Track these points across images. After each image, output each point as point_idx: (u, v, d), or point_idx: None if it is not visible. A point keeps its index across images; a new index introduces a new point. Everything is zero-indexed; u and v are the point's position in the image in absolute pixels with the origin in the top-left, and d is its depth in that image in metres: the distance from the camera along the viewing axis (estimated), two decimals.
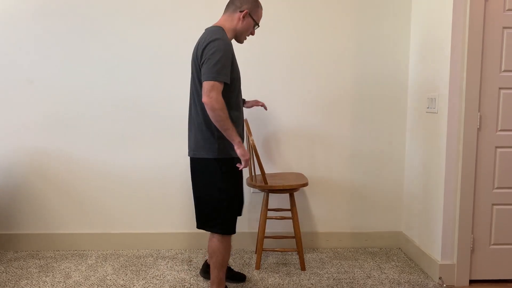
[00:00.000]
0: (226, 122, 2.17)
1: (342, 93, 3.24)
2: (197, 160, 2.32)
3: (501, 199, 2.71)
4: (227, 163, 2.28)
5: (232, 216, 2.34)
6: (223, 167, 2.27)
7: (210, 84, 2.11)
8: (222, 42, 2.16)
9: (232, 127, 2.20)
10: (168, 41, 3.15)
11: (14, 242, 3.25)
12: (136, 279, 2.79)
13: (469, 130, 2.64)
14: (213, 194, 2.30)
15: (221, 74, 2.14)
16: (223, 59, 2.14)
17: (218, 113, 2.13)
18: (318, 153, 3.28)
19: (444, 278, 2.73)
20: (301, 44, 3.19)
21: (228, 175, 2.29)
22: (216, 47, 2.14)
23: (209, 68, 2.13)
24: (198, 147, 2.29)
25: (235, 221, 2.36)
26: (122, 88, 3.18)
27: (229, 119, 2.18)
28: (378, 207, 3.34)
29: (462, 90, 2.63)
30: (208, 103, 2.12)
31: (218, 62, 2.13)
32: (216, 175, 2.27)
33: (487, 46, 2.61)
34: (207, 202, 2.33)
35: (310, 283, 2.73)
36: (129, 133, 3.22)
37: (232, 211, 2.34)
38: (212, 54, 2.13)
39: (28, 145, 3.19)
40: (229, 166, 2.29)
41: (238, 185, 2.38)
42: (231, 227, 2.34)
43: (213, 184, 2.29)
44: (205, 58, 2.15)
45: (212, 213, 2.32)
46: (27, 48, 3.13)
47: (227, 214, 2.31)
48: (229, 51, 2.19)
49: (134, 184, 3.26)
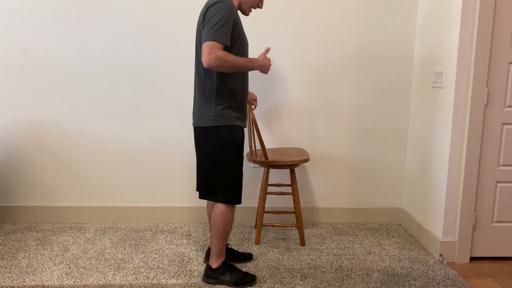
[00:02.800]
0: (240, 63, 2.17)
1: (345, 67, 3.15)
2: (199, 129, 2.31)
3: (506, 177, 2.67)
4: (228, 131, 2.25)
5: (236, 185, 2.33)
6: (223, 136, 2.25)
7: (208, 45, 2.08)
8: (223, 4, 2.12)
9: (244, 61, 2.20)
10: (168, 10, 3.04)
11: (11, 214, 3.22)
12: (135, 253, 2.77)
13: (476, 106, 2.57)
14: (215, 163, 2.29)
15: (220, 35, 2.10)
16: (223, 20, 2.10)
17: (226, 65, 2.12)
18: (320, 128, 3.22)
19: (445, 255, 2.72)
20: (303, 13, 3.08)
21: (229, 144, 2.27)
22: (217, 9, 2.11)
23: (208, 29, 2.10)
24: (199, 115, 2.29)
25: (240, 190, 2.35)
26: (120, 58, 3.09)
27: (237, 60, 2.15)
28: (379, 183, 3.31)
29: (470, 65, 2.55)
30: (208, 64, 2.09)
31: (217, 23, 2.09)
32: (216, 144, 2.26)
33: (497, 19, 2.52)
34: (209, 171, 2.32)
35: (309, 259, 2.72)
36: (128, 105, 3.14)
37: (235, 180, 2.32)
38: (213, 16, 2.10)
39: (25, 117, 3.12)
40: (230, 134, 2.26)
41: (240, 154, 2.34)
42: (235, 196, 2.33)
43: (214, 152, 2.28)
44: (205, 21, 2.13)
45: (215, 182, 2.31)
46: (21, 17, 3.02)
47: (231, 183, 2.31)
48: (231, 13, 2.15)
49: (133, 157, 3.21)
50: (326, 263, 2.67)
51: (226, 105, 2.25)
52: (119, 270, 2.55)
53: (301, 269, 2.59)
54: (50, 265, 2.60)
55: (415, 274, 2.55)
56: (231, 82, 2.25)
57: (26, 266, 2.59)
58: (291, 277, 2.49)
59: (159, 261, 2.67)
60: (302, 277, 2.50)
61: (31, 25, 3.03)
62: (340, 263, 2.68)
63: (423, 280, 2.48)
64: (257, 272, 2.53)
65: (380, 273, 2.56)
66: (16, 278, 2.44)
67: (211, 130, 2.25)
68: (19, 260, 2.65)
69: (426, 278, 2.51)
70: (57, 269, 2.55)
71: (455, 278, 2.51)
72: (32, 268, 2.56)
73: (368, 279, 2.49)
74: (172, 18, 3.05)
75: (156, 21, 3.06)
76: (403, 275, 2.54)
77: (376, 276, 2.53)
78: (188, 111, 3.06)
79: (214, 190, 2.32)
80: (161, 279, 2.46)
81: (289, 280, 2.46)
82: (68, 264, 2.62)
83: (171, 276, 2.50)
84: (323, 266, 2.63)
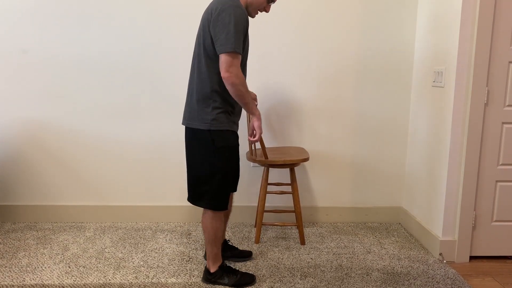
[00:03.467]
0: (246, 96, 2.14)
1: (345, 66, 3.15)
2: (191, 130, 2.24)
3: (505, 176, 2.67)
4: (223, 136, 2.19)
5: (223, 192, 2.27)
6: (217, 141, 2.18)
7: (230, 58, 2.03)
8: (238, 10, 2.07)
9: (252, 101, 2.17)
10: (168, 10, 3.04)
11: (12, 213, 3.22)
12: (135, 252, 2.77)
13: (476, 105, 2.57)
14: (204, 168, 2.23)
15: (238, 45, 2.06)
16: (239, 28, 2.05)
17: (239, 88, 2.09)
18: (320, 127, 3.22)
19: (445, 254, 2.72)
20: (303, 13, 3.08)
21: (222, 149, 2.21)
22: (233, 15, 2.04)
23: (227, 38, 2.03)
24: (192, 116, 2.21)
25: (226, 197, 2.29)
26: (120, 58, 3.08)
27: (248, 93, 2.14)
28: (379, 182, 3.31)
29: (470, 64, 2.55)
30: (228, 79, 2.05)
31: (237, 33, 2.03)
32: (208, 148, 2.19)
33: (497, 18, 2.51)
34: (197, 175, 2.27)
35: (309, 258, 2.72)
36: (128, 105, 3.14)
37: (223, 187, 2.26)
38: (229, 24, 2.02)
39: (25, 116, 3.12)
40: (224, 140, 2.20)
41: (232, 160, 2.29)
42: (220, 203, 2.27)
43: (205, 157, 2.21)
44: (220, 26, 2.04)
45: (201, 187, 2.26)
46: (21, 17, 3.01)
47: (217, 189, 2.25)
48: (245, 20, 2.11)
49: (133, 156, 3.21)
50: (326, 262, 2.67)
51: (224, 109, 2.19)
52: (119, 269, 2.55)
53: (301, 268, 2.59)
54: (50, 264, 2.60)
55: (415, 273, 2.55)
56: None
57: (26, 265, 2.59)
58: (291, 276, 2.49)
59: (159, 260, 2.67)
60: (302, 276, 2.50)
61: (31, 25, 3.03)
62: (340, 262, 2.68)
63: (422, 279, 2.48)
64: (257, 271, 2.54)
65: (380, 272, 2.56)
66: (16, 277, 2.45)
67: (205, 133, 2.18)
68: (19, 259, 2.65)
69: (426, 277, 2.51)
70: (57, 268, 2.55)
71: (454, 277, 2.51)
72: (32, 267, 2.56)
73: (368, 278, 2.49)
74: (172, 19, 3.05)
75: (156, 21, 3.05)
76: (403, 274, 2.54)
77: (376, 275, 2.53)
78: None
79: (200, 195, 2.27)
80: (161, 278, 2.46)
81: (288, 279, 2.46)
82: (68, 263, 2.62)
83: (171, 275, 2.50)
84: (323, 265, 2.64)
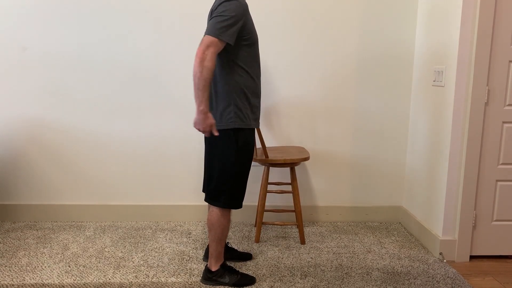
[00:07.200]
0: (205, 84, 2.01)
1: (345, 65, 3.14)
2: None
3: (506, 175, 2.67)
4: (245, 134, 2.21)
5: (241, 191, 2.30)
6: (240, 139, 2.19)
7: (210, 40, 2.01)
8: (235, 2, 2.07)
9: (206, 91, 2.03)
10: (169, 9, 3.03)
11: (11, 212, 3.22)
12: (135, 251, 2.77)
13: (476, 105, 2.57)
14: (225, 167, 2.23)
15: (226, 33, 2.04)
16: (232, 19, 2.04)
17: (204, 71, 1.99)
18: (320, 126, 3.22)
19: (445, 254, 2.72)
20: (303, 12, 3.07)
21: (244, 148, 2.22)
22: (229, 7, 2.05)
23: (215, 24, 2.03)
24: (214, 115, 2.19)
25: (243, 196, 2.32)
26: (120, 56, 3.08)
27: (208, 83, 2.02)
28: (379, 181, 3.31)
29: (471, 63, 2.55)
30: (200, 57, 1.99)
31: (226, 21, 2.03)
32: (231, 147, 2.20)
33: (498, 17, 2.51)
34: (219, 176, 2.26)
35: (309, 257, 2.72)
36: (128, 103, 3.14)
37: (242, 186, 2.29)
38: (222, 12, 2.04)
39: (25, 114, 3.12)
40: (247, 137, 2.22)
41: (251, 157, 2.31)
42: (237, 201, 2.30)
43: (227, 157, 2.21)
44: (213, 16, 2.07)
45: (221, 187, 2.26)
46: (21, 14, 3.01)
47: (236, 188, 2.27)
48: (242, 14, 2.09)
49: (133, 155, 3.20)
50: (326, 262, 2.67)
51: (245, 105, 2.19)
52: (119, 269, 2.55)
53: (301, 267, 2.59)
54: (50, 264, 2.60)
55: (415, 273, 2.55)
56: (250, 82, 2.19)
57: (26, 264, 2.58)
58: (291, 276, 2.49)
59: (159, 260, 2.67)
60: (302, 275, 2.50)
61: (31, 22, 3.02)
62: (340, 261, 2.68)
63: (423, 279, 2.48)
64: (257, 271, 2.53)
65: (380, 272, 2.56)
66: (16, 277, 2.44)
67: (229, 133, 2.18)
68: (19, 259, 2.65)
69: (426, 277, 2.51)
70: (57, 268, 2.55)
71: (455, 277, 2.51)
72: (32, 267, 2.56)
73: (368, 278, 2.48)
74: (174, 17, 3.04)
75: (157, 20, 3.05)
76: (403, 274, 2.54)
77: (376, 274, 2.52)
78: (188, 108, 3.07)
79: (219, 195, 2.27)
80: (161, 277, 2.46)
81: (289, 278, 2.46)
82: (68, 262, 2.62)
83: (171, 274, 2.50)
84: (323, 264, 2.63)
